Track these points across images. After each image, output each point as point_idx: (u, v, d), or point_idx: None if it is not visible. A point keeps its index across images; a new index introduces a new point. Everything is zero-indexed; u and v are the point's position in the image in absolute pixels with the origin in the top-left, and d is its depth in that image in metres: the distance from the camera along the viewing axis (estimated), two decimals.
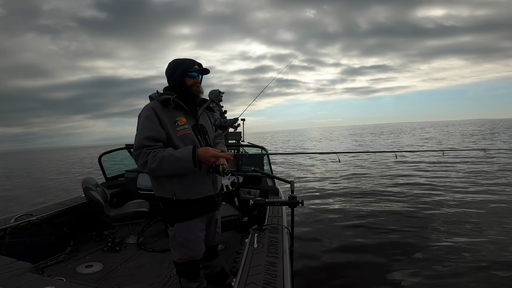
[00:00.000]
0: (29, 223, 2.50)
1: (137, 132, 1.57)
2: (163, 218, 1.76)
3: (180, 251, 1.71)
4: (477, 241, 3.53)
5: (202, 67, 1.71)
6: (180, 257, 1.73)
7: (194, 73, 1.67)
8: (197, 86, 1.69)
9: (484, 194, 5.66)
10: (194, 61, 1.69)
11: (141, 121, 1.59)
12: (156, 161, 1.48)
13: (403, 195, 5.99)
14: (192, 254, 1.73)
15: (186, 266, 1.74)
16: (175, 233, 1.70)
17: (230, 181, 3.38)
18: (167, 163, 1.49)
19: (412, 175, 8.20)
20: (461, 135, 26.90)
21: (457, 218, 4.40)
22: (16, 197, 9.80)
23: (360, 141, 26.56)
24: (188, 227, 1.70)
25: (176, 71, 1.65)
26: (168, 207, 1.67)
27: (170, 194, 1.63)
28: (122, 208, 3.07)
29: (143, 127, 1.55)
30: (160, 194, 1.67)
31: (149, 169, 1.51)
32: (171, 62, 1.69)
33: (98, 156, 3.83)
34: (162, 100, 1.60)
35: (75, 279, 1.96)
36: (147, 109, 1.61)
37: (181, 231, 1.69)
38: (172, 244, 1.74)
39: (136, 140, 1.55)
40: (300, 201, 1.96)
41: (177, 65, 1.66)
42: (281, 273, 1.40)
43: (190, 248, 1.71)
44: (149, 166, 1.49)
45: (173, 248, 1.74)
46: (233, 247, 2.80)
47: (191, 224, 1.70)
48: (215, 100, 4.87)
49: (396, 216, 4.67)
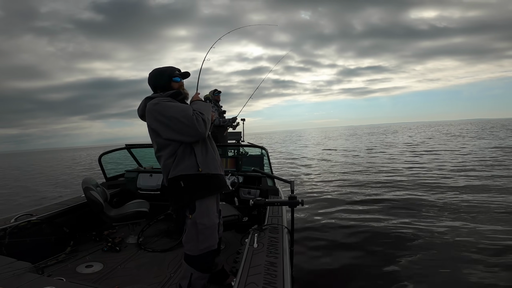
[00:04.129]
0: (29, 223, 2.50)
1: (181, 111, 1.70)
2: (181, 200, 1.77)
3: (199, 240, 1.75)
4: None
5: (182, 72, 1.94)
6: (198, 248, 1.76)
7: (177, 78, 1.89)
8: (182, 89, 1.92)
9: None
10: (175, 67, 1.92)
11: (172, 104, 1.73)
12: (200, 111, 1.73)
13: (404, 195, 5.99)
14: (209, 243, 1.78)
15: (203, 257, 1.77)
16: (196, 220, 1.75)
17: (230, 181, 3.38)
18: (204, 109, 1.77)
19: (412, 176, 8.21)
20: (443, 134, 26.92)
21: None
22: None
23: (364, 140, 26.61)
24: (207, 210, 1.78)
25: (163, 76, 1.86)
26: (190, 184, 1.76)
27: (193, 168, 1.76)
28: (122, 208, 3.07)
29: (181, 105, 1.75)
30: (180, 172, 1.76)
31: (207, 118, 1.74)
32: (153, 72, 1.89)
33: (94, 157, 3.83)
34: (172, 93, 1.82)
35: (75, 279, 1.96)
36: (162, 100, 1.74)
37: (202, 216, 1.76)
38: (190, 234, 1.77)
39: (188, 110, 1.70)
40: (300, 201, 1.96)
41: (161, 72, 1.88)
42: (281, 273, 1.41)
43: (208, 236, 1.77)
44: (207, 118, 1.73)
45: (190, 240, 1.77)
46: (233, 247, 2.80)
47: (210, 206, 1.81)
48: (212, 100, 4.87)
49: (396, 217, 4.66)
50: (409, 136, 30.35)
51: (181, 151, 1.77)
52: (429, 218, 4.50)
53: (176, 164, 1.77)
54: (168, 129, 1.71)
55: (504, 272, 2.83)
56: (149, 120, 1.78)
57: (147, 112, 1.78)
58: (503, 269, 2.88)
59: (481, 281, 2.71)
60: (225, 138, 4.90)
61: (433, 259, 3.18)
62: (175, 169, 1.77)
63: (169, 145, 1.77)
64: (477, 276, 2.79)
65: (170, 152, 1.78)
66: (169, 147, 1.77)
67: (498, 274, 2.80)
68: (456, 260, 3.12)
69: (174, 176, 1.78)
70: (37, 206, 3.10)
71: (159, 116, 1.71)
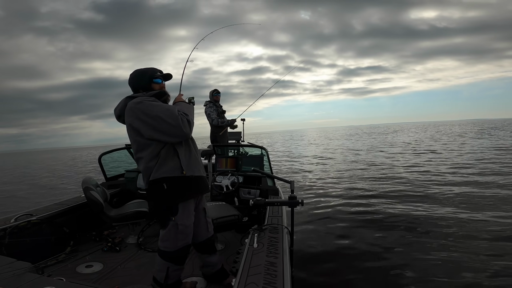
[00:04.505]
0: (29, 223, 2.50)
1: (165, 110, 1.67)
2: (163, 203, 1.78)
3: (178, 238, 1.80)
4: None
5: (163, 73, 1.93)
6: (175, 245, 1.81)
7: (159, 80, 1.88)
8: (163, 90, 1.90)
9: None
10: (156, 69, 1.91)
11: (156, 103, 1.70)
12: (188, 112, 1.75)
13: (404, 196, 5.99)
14: (187, 240, 1.86)
15: (180, 253, 1.84)
16: (178, 221, 1.77)
17: (230, 181, 3.38)
18: (187, 110, 1.77)
19: (413, 176, 8.21)
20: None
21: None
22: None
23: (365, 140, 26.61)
24: (188, 212, 1.82)
25: (144, 77, 1.85)
26: (173, 186, 1.76)
27: (177, 171, 1.75)
28: (122, 208, 3.07)
29: (161, 107, 1.69)
30: (163, 174, 1.74)
31: (191, 119, 1.73)
32: (134, 72, 1.88)
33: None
34: (155, 93, 1.81)
35: (75, 279, 1.96)
36: (145, 99, 1.73)
37: (183, 217, 1.79)
38: (170, 234, 1.79)
39: (173, 110, 1.68)
40: (300, 201, 1.96)
41: (142, 73, 1.86)
42: (281, 273, 1.40)
43: (187, 234, 1.84)
44: (191, 119, 1.73)
45: (169, 239, 1.80)
46: (233, 247, 2.80)
47: (191, 207, 1.85)
48: (211, 100, 4.86)
49: (397, 217, 4.66)
50: (410, 135, 30.34)
51: (164, 153, 1.74)
52: (434, 216, 4.50)
53: (158, 166, 1.74)
54: (151, 129, 1.66)
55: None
56: (130, 118, 1.72)
57: (128, 110, 1.72)
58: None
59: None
60: (225, 137, 4.89)
61: (433, 259, 3.18)
62: (158, 171, 1.74)
63: (151, 145, 1.73)
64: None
65: (152, 153, 1.73)
66: (150, 147, 1.73)
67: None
68: (460, 260, 3.12)
69: (156, 178, 1.74)
70: (37, 206, 3.10)
71: (142, 115, 1.66)
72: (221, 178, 3.44)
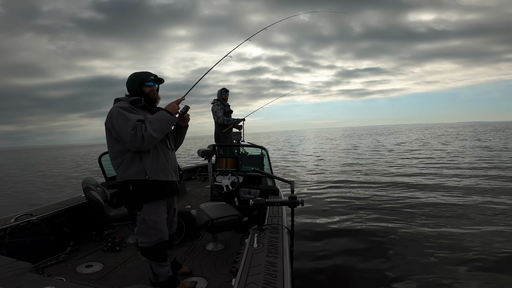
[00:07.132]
0: (29, 223, 2.50)
1: (125, 121, 1.74)
2: (130, 202, 1.93)
3: (150, 234, 1.89)
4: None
5: (157, 77, 2.01)
6: (150, 240, 1.90)
7: (150, 83, 1.97)
8: (153, 93, 1.99)
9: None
10: (150, 73, 2.00)
11: (123, 112, 1.77)
12: (150, 124, 1.75)
13: (404, 196, 5.99)
14: (160, 236, 1.92)
15: (155, 248, 1.91)
16: (144, 216, 1.87)
17: (230, 181, 3.38)
18: (157, 123, 1.78)
19: (414, 176, 8.21)
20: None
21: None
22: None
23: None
24: (155, 209, 1.90)
25: (134, 81, 1.95)
26: (138, 189, 1.86)
27: (141, 175, 1.84)
28: (122, 208, 3.06)
29: (128, 115, 1.76)
30: (129, 177, 1.85)
31: (148, 134, 1.72)
32: (130, 75, 1.99)
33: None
34: (133, 100, 1.89)
35: (75, 279, 1.96)
36: (121, 105, 1.83)
37: (150, 213, 1.88)
38: (141, 229, 1.90)
39: (130, 123, 1.73)
40: (300, 201, 1.96)
41: (135, 77, 1.96)
42: (281, 273, 1.41)
43: (158, 229, 1.91)
44: (149, 130, 1.72)
45: (142, 234, 1.91)
46: (233, 247, 2.80)
47: (158, 206, 1.92)
48: (219, 99, 4.88)
49: (398, 217, 4.66)
50: (409, 136, 30.32)
51: (130, 155, 1.84)
52: (433, 219, 4.50)
53: (124, 168, 1.85)
54: (115, 134, 1.81)
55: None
56: (106, 119, 1.86)
57: (109, 111, 1.87)
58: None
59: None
60: (229, 136, 4.90)
61: (434, 259, 3.18)
62: (124, 173, 1.86)
63: (118, 144, 1.85)
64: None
65: (119, 152, 1.85)
66: (118, 145, 1.84)
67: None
68: (459, 261, 3.12)
69: (123, 180, 1.88)
70: (37, 206, 3.10)
71: (109, 120, 1.83)
72: (221, 178, 3.44)
